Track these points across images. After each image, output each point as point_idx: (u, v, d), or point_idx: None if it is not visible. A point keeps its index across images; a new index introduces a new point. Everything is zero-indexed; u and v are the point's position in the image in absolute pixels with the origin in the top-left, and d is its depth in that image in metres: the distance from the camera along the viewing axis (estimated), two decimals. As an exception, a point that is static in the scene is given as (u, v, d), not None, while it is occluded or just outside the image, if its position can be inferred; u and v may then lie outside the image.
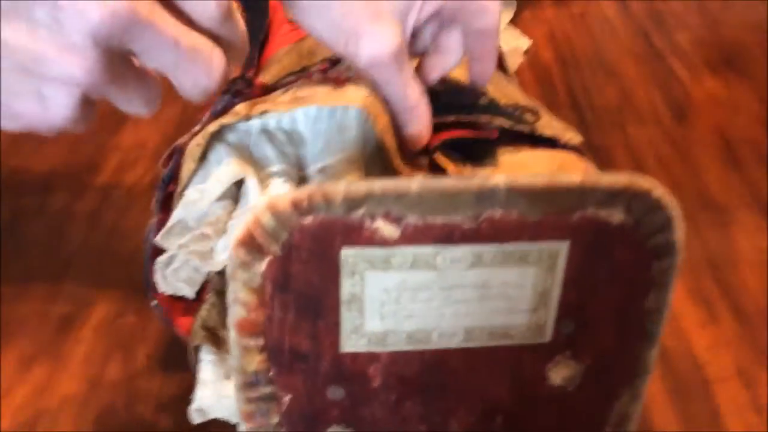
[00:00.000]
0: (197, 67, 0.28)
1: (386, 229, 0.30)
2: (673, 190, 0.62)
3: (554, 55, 0.80)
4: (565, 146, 0.43)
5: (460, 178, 0.29)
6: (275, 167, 0.41)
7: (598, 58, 0.79)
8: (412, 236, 0.30)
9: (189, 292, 0.42)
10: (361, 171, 0.40)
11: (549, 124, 0.44)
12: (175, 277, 0.41)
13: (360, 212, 0.29)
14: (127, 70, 0.28)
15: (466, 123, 0.42)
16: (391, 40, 0.36)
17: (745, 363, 0.47)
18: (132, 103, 0.29)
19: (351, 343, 0.32)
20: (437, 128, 0.42)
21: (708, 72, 0.75)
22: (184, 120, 0.69)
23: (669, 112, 0.70)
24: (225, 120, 0.40)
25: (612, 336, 0.34)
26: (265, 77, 0.49)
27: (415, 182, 0.29)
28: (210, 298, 0.43)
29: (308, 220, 0.29)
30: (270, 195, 0.39)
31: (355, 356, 0.33)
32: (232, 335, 0.32)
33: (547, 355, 0.34)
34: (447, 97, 0.43)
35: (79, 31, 0.25)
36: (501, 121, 0.43)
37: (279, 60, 0.52)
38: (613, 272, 0.32)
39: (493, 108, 0.44)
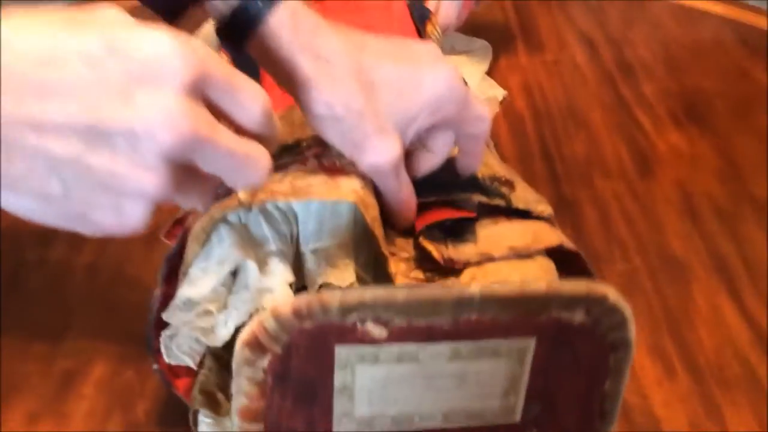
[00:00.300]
0: (249, 169, 0.32)
1: (375, 330, 0.34)
2: (636, 246, 0.66)
3: (527, 104, 0.84)
4: (538, 217, 0.47)
5: (441, 287, 0.33)
6: (272, 246, 0.45)
7: (569, 106, 0.84)
8: (398, 336, 0.34)
9: (191, 363, 0.45)
10: (350, 255, 0.43)
11: (523, 197, 0.48)
12: (178, 350, 0.45)
13: (353, 317, 0.33)
14: (189, 177, 0.32)
15: (448, 201, 0.46)
16: (392, 152, 0.40)
17: (698, 419, 0.51)
18: (191, 203, 0.33)
19: (342, 426, 0.36)
20: (420, 207, 0.46)
21: (672, 125, 0.80)
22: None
23: (634, 165, 0.75)
24: (228, 208, 0.43)
25: (574, 416, 0.38)
26: None
27: (402, 291, 0.33)
28: (207, 362, 0.47)
29: (307, 323, 0.33)
30: (270, 278, 0.43)
31: (345, 436, 0.36)
32: (235, 420, 0.36)
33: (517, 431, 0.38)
34: (430, 175, 0.47)
35: (152, 152, 0.29)
36: (479, 197, 0.47)
37: None
38: (575, 363, 0.36)
39: (471, 184, 0.48)
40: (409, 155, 0.46)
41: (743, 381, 0.54)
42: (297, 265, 0.45)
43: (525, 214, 0.47)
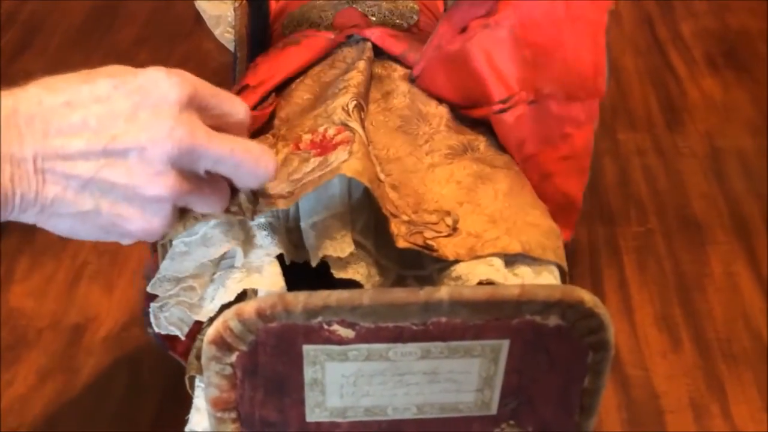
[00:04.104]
0: (254, 165, 0.37)
1: (342, 331, 0.33)
2: (654, 206, 0.64)
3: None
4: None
5: (408, 290, 0.33)
6: (261, 219, 0.44)
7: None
8: (365, 337, 0.34)
9: (180, 334, 0.46)
10: (347, 224, 0.42)
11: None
12: (167, 321, 0.45)
13: (318, 319, 0.33)
14: (200, 182, 0.36)
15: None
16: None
17: (699, 395, 0.50)
18: (207, 206, 0.38)
19: (315, 415, 0.36)
20: None
21: (707, 69, 0.76)
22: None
23: (661, 115, 0.71)
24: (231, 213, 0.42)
25: (552, 409, 0.37)
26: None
27: (367, 295, 0.32)
28: (205, 329, 0.47)
29: (272, 323, 0.33)
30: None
31: (318, 424, 0.37)
32: (208, 408, 0.36)
33: (494, 422, 0.38)
34: None
35: (160, 160, 0.34)
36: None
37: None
38: (551, 363, 0.35)
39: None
40: None
41: (752, 356, 0.53)
42: (299, 241, 0.44)
43: None
